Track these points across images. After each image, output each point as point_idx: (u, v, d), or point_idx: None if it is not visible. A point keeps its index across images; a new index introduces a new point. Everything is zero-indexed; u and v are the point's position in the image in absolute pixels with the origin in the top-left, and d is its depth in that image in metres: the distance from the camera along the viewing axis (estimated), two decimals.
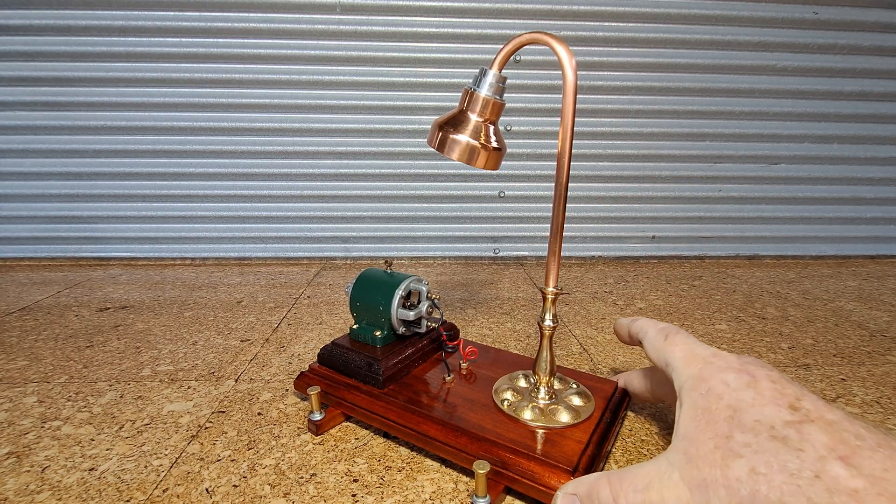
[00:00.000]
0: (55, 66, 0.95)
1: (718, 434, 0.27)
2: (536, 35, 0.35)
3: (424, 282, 0.48)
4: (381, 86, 0.99)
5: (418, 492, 0.37)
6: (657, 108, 1.03)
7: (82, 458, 0.41)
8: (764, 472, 0.24)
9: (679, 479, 0.27)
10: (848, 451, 0.24)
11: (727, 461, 0.26)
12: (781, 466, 0.24)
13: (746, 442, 0.26)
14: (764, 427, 0.26)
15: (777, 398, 0.27)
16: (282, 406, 0.49)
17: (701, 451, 0.27)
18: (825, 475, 0.23)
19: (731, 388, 0.29)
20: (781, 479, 0.24)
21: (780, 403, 0.27)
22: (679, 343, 0.34)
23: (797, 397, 0.27)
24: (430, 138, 0.39)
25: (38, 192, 1.02)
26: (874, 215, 1.13)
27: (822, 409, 0.26)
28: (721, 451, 0.26)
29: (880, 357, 0.61)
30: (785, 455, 0.24)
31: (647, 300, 0.84)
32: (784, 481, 0.24)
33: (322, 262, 1.08)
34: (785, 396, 0.27)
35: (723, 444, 0.26)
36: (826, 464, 0.23)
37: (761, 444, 0.25)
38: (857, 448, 0.24)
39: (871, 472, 0.22)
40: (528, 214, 1.08)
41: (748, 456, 0.25)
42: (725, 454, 0.26)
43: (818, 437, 0.25)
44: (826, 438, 0.24)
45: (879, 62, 1.03)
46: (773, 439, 0.25)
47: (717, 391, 0.29)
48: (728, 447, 0.26)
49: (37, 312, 0.77)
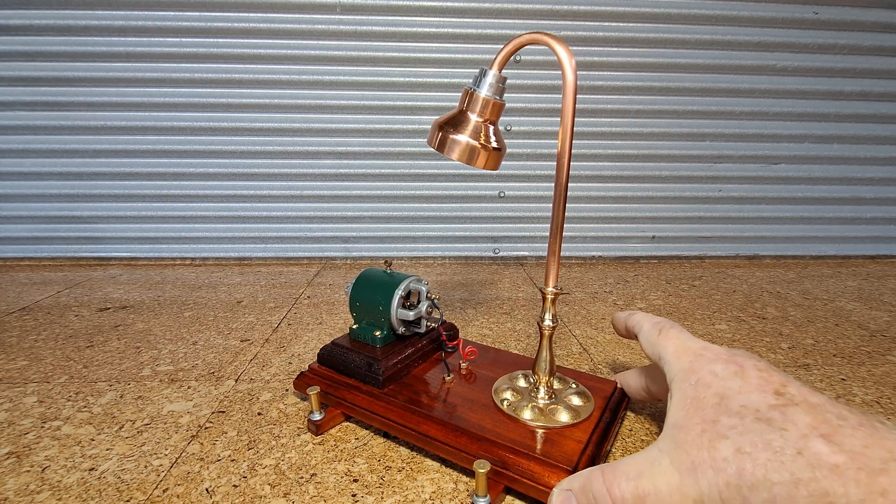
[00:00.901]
0: (55, 66, 0.95)
1: (706, 419, 0.28)
2: (536, 35, 0.35)
3: (424, 282, 0.48)
4: (381, 86, 0.99)
5: (418, 492, 0.37)
6: (657, 108, 1.03)
7: (82, 458, 0.41)
8: (749, 451, 0.25)
9: (669, 464, 0.28)
10: (830, 429, 0.24)
11: (713, 443, 0.26)
12: (766, 445, 0.25)
13: (732, 425, 0.27)
14: (749, 411, 0.27)
15: (763, 385, 0.28)
16: (282, 406, 0.49)
17: (689, 437, 0.28)
18: (807, 451, 0.24)
19: (719, 378, 0.29)
20: (766, 457, 0.24)
21: (766, 390, 0.28)
22: (672, 337, 0.35)
23: (783, 384, 0.28)
24: (430, 138, 0.40)
25: (38, 192, 1.02)
26: (874, 215, 1.13)
27: (807, 394, 0.27)
28: (708, 435, 0.27)
29: (880, 357, 0.61)
30: (769, 434, 0.25)
31: (647, 300, 0.84)
32: (768, 458, 0.24)
33: (322, 262, 1.08)
34: (770, 383, 0.28)
35: (710, 428, 0.27)
36: (808, 441, 0.24)
37: (746, 425, 0.26)
38: (839, 427, 0.24)
39: (852, 448, 0.23)
40: (528, 214, 1.08)
41: (733, 437, 0.26)
42: (712, 437, 0.27)
43: (801, 417, 0.25)
44: (809, 419, 0.25)
45: (879, 62, 1.03)
46: (758, 421, 0.26)
47: (705, 381, 0.30)
48: (715, 430, 0.27)
49: (37, 312, 0.77)
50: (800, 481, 0.23)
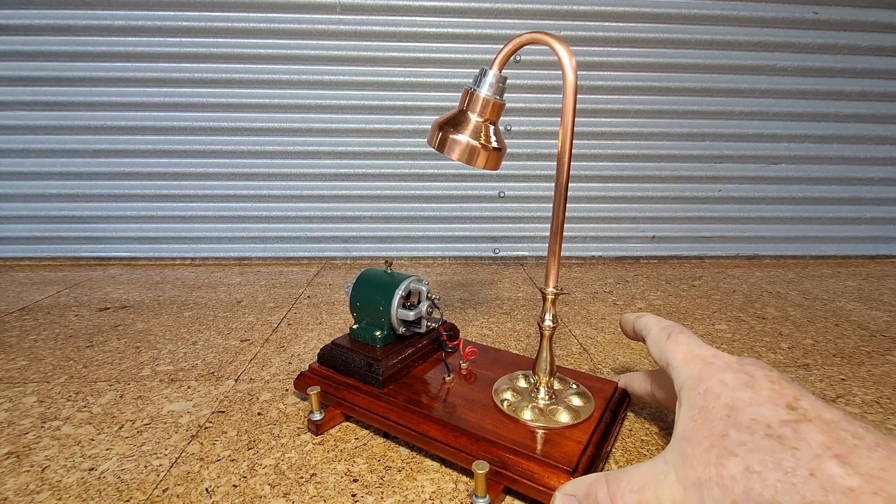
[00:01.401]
0: (55, 66, 0.95)
1: (714, 433, 0.27)
2: (536, 35, 0.35)
3: (424, 282, 0.48)
4: (381, 86, 0.99)
5: (418, 492, 0.37)
6: (657, 108, 1.03)
7: (82, 457, 0.41)
8: (758, 471, 0.24)
9: (675, 479, 0.27)
10: (844, 449, 0.23)
11: (721, 460, 0.25)
12: (776, 464, 0.24)
13: (742, 440, 0.26)
14: (760, 426, 0.26)
15: (775, 398, 0.27)
16: (282, 406, 0.49)
17: (696, 451, 0.27)
18: (820, 473, 0.23)
19: (729, 388, 0.28)
20: (776, 477, 0.23)
21: (778, 403, 0.27)
22: (681, 343, 0.34)
23: (795, 397, 0.27)
24: (430, 138, 0.39)
25: (38, 192, 1.02)
26: (874, 215, 1.13)
27: (820, 409, 0.26)
28: (716, 450, 0.26)
29: (880, 357, 0.61)
30: (780, 453, 0.24)
31: (647, 300, 0.84)
32: (778, 479, 0.23)
33: (322, 262, 1.08)
34: (783, 396, 0.27)
35: (718, 443, 0.26)
36: (822, 462, 0.23)
37: (756, 442, 0.25)
38: (855, 447, 0.23)
39: (868, 471, 0.22)
40: (528, 214, 1.08)
41: (743, 454, 0.25)
42: (720, 453, 0.26)
43: (815, 435, 0.24)
44: (823, 437, 0.24)
45: (879, 62, 1.03)
46: (769, 438, 0.25)
47: (714, 391, 0.29)
48: (723, 446, 0.26)
49: (37, 312, 0.77)
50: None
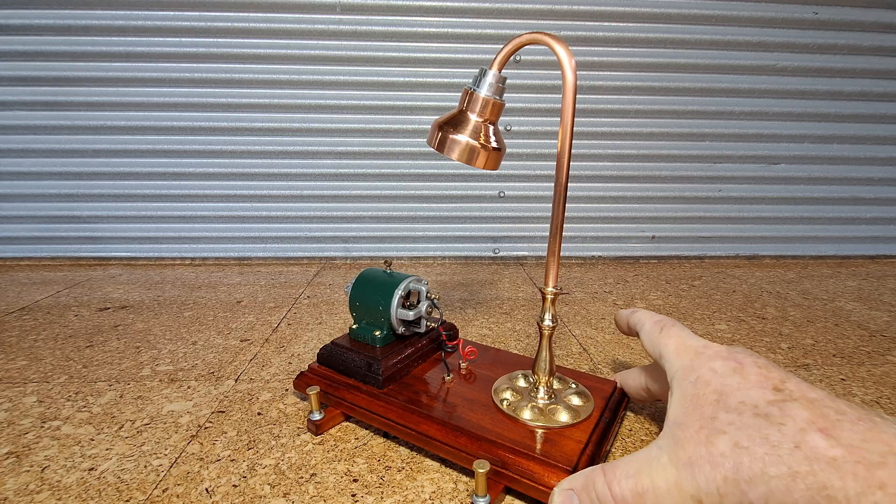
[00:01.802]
0: (55, 66, 0.95)
1: (704, 416, 0.28)
2: (536, 35, 0.35)
3: (424, 282, 0.48)
4: (381, 86, 0.99)
5: (418, 492, 0.37)
6: (657, 108, 1.03)
7: (82, 457, 0.41)
8: (746, 446, 0.25)
9: (667, 461, 0.28)
10: (828, 424, 0.24)
11: (711, 438, 0.26)
12: (763, 439, 0.25)
13: (730, 420, 0.27)
14: (748, 407, 0.27)
15: (762, 381, 0.28)
16: (281, 406, 0.49)
17: (687, 433, 0.28)
18: (805, 445, 0.24)
19: (719, 375, 0.30)
20: (763, 451, 0.25)
21: (765, 386, 0.28)
22: (673, 335, 0.35)
23: (782, 380, 0.28)
24: (430, 138, 0.39)
25: (38, 192, 1.02)
26: (874, 215, 1.13)
27: (805, 390, 0.27)
28: (706, 431, 0.27)
29: (880, 357, 0.61)
30: (767, 429, 0.25)
31: (646, 300, 0.84)
32: (766, 452, 0.24)
33: (322, 262, 1.08)
34: (769, 379, 0.28)
35: (708, 424, 0.27)
36: (806, 435, 0.24)
37: (744, 421, 0.26)
38: (837, 421, 0.24)
39: (850, 442, 0.23)
40: (528, 214, 1.08)
41: (731, 432, 0.26)
42: (710, 433, 0.27)
43: (800, 412, 0.25)
44: (807, 413, 0.25)
45: (879, 62, 1.03)
46: (756, 416, 0.26)
47: (705, 378, 0.30)
48: (713, 426, 0.27)
49: (37, 312, 0.77)
50: (797, 475, 0.23)
